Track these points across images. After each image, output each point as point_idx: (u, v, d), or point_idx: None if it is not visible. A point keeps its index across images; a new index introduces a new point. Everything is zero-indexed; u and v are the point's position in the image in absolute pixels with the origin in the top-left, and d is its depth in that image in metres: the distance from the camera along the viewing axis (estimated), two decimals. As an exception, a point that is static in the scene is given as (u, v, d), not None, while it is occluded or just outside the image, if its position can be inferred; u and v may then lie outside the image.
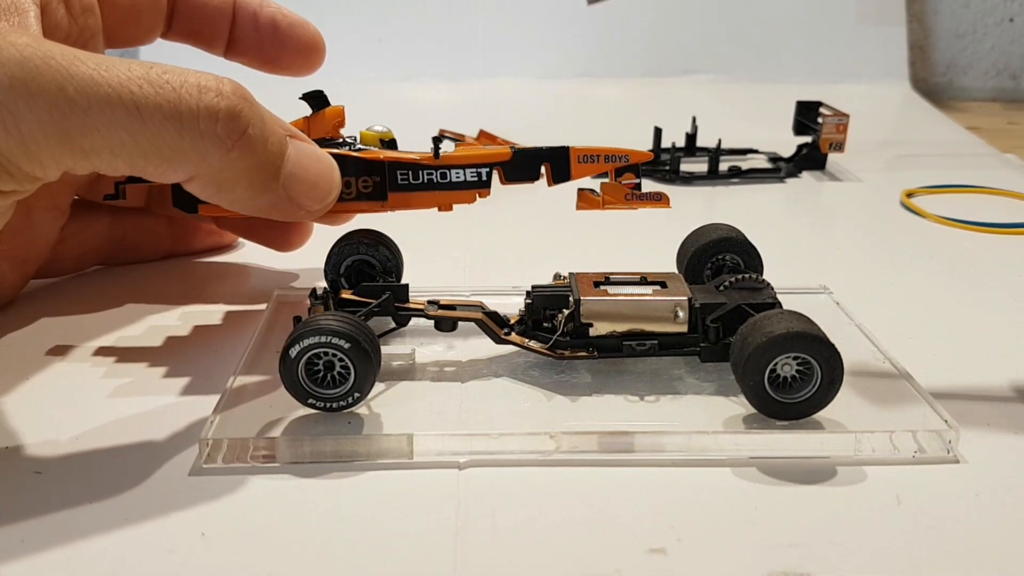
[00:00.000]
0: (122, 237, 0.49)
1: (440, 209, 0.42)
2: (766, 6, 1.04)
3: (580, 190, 0.42)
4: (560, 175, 0.42)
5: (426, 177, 0.41)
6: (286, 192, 0.36)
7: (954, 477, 0.32)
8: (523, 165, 0.42)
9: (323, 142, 0.41)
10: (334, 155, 0.39)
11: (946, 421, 0.33)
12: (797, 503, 0.30)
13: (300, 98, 0.42)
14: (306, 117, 0.42)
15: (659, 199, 0.42)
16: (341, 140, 0.42)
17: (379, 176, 0.40)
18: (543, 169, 0.42)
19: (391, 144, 0.42)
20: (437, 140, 0.42)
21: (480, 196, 0.42)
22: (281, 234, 0.48)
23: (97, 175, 0.45)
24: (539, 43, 1.02)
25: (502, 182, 0.41)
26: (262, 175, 0.34)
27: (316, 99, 0.42)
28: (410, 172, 0.41)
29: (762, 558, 0.28)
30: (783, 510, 0.30)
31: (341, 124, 0.42)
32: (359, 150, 0.41)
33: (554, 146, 0.41)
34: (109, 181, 0.42)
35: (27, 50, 0.30)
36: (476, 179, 0.41)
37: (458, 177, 0.41)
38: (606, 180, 0.42)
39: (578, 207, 0.42)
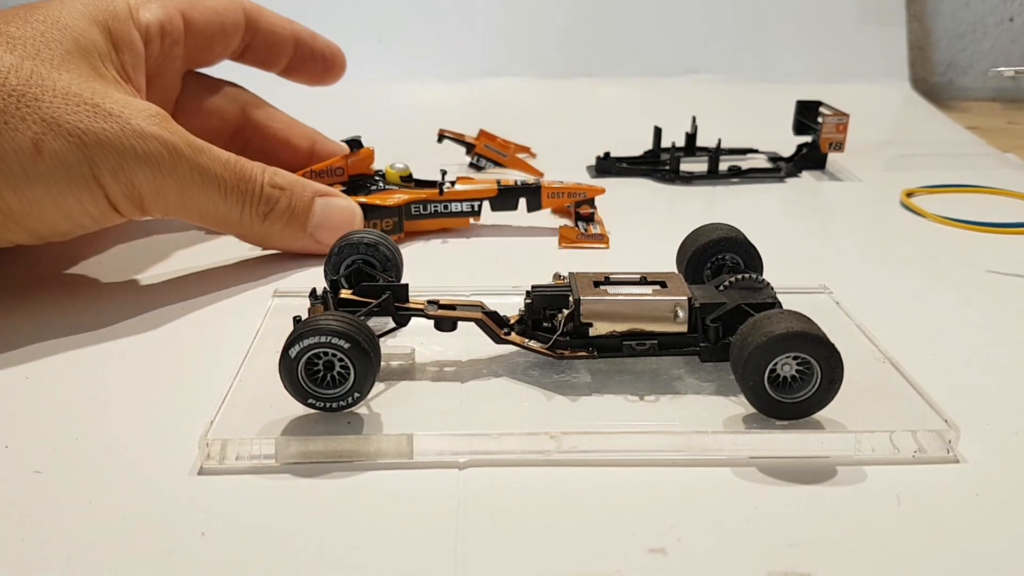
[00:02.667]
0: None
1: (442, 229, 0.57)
2: (766, 6, 1.04)
3: (561, 227, 0.56)
4: (533, 206, 0.57)
5: (433, 209, 0.56)
6: (315, 238, 0.49)
7: (954, 477, 0.32)
8: (505, 198, 0.56)
9: (360, 178, 0.57)
10: (363, 204, 0.53)
11: (946, 421, 0.33)
12: (797, 503, 0.31)
13: (342, 141, 0.57)
14: (345, 155, 0.57)
15: (600, 239, 0.55)
16: (373, 173, 0.57)
17: (397, 217, 0.54)
18: (521, 201, 0.56)
19: (408, 179, 0.56)
20: (443, 177, 0.56)
21: (474, 220, 0.57)
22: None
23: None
24: (539, 43, 1.02)
25: (491, 209, 0.57)
26: (291, 231, 0.49)
27: (354, 144, 0.57)
28: (422, 206, 0.55)
29: (762, 558, 0.28)
30: (783, 510, 0.30)
31: (372, 160, 0.57)
32: (383, 190, 0.56)
33: (529, 184, 0.57)
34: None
35: (170, 137, 0.43)
36: (470, 209, 0.56)
37: (457, 208, 0.56)
38: (566, 224, 0.56)
39: (560, 245, 0.55)
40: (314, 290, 0.39)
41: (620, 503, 0.30)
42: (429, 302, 0.39)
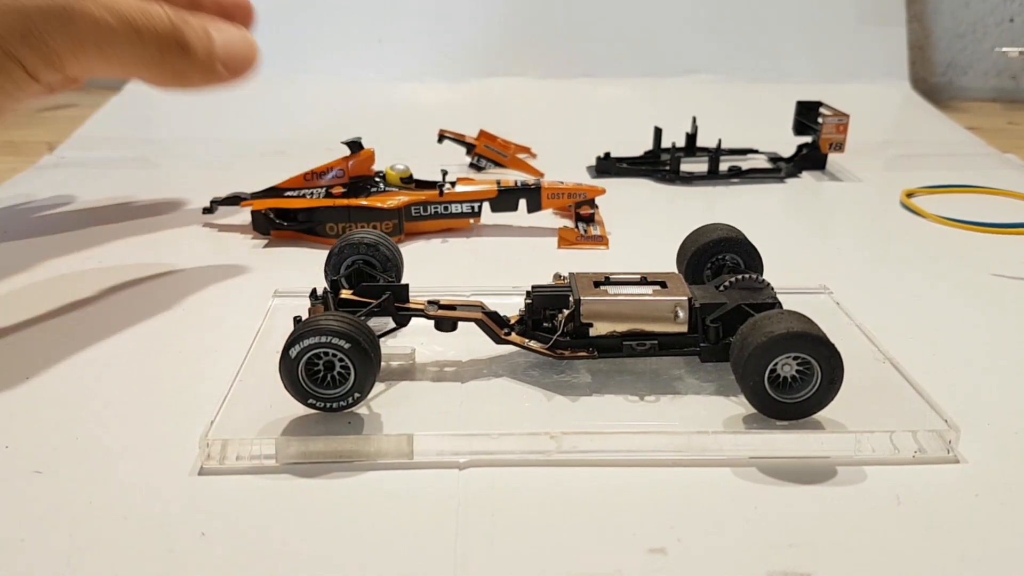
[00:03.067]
0: None
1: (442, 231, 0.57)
2: (766, 6, 1.04)
3: (560, 229, 0.56)
4: (533, 207, 0.57)
5: (433, 210, 0.56)
6: (224, 69, 0.45)
7: (954, 477, 0.32)
8: (506, 199, 0.56)
9: (360, 179, 0.57)
10: (364, 207, 0.54)
11: (946, 421, 0.33)
12: (797, 503, 0.31)
13: (342, 143, 0.57)
14: (346, 157, 0.56)
15: (599, 241, 0.55)
16: (374, 175, 0.57)
17: (397, 219, 0.54)
18: (521, 202, 0.57)
19: (408, 180, 0.57)
20: (444, 176, 0.56)
21: (474, 222, 0.57)
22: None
23: None
24: (538, 43, 1.02)
25: (491, 210, 0.57)
26: (205, 63, 0.44)
27: (354, 145, 0.57)
28: (422, 207, 0.56)
29: (762, 558, 0.28)
30: (783, 510, 0.30)
31: (372, 162, 0.57)
32: (384, 191, 0.56)
33: (529, 185, 0.57)
34: None
35: None
36: (470, 210, 0.56)
37: (457, 209, 0.56)
38: (567, 225, 0.57)
39: (559, 246, 0.55)
40: (314, 290, 0.39)
41: (620, 503, 0.30)
42: (429, 302, 0.39)
